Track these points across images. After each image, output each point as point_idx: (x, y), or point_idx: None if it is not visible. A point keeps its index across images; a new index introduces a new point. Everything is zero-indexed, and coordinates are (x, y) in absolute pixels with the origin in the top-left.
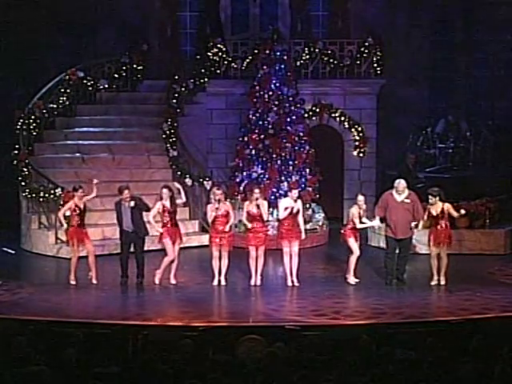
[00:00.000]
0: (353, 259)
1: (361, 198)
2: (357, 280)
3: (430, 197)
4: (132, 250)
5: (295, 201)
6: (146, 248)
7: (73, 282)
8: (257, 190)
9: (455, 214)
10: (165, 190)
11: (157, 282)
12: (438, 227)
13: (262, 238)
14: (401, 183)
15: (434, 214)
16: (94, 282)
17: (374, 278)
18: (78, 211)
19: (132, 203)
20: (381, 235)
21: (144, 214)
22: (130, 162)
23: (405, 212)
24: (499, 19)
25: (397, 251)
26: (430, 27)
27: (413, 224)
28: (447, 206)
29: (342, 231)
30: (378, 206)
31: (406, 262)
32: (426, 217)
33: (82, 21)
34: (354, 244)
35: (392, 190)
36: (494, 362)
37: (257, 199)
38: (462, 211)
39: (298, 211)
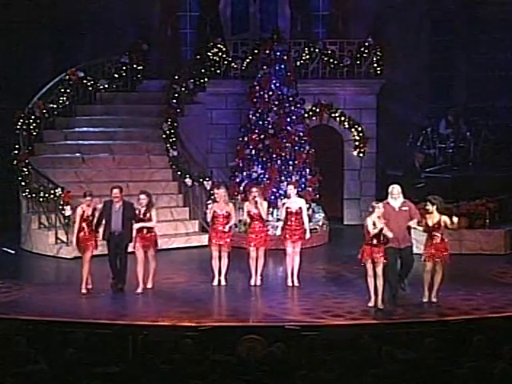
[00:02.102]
0: (371, 281)
1: (381, 210)
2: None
3: (427, 203)
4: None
5: (289, 196)
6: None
7: (84, 291)
8: (254, 189)
9: (449, 225)
10: (142, 196)
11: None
12: (433, 241)
13: (262, 239)
14: (395, 188)
15: (430, 224)
16: (89, 286)
17: None
18: (85, 218)
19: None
20: None
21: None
22: (130, 162)
23: (403, 220)
24: (499, 19)
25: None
26: (430, 27)
27: (411, 223)
28: (444, 218)
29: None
30: None
31: (407, 273)
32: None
33: (81, 21)
34: (370, 266)
35: (387, 199)
36: (494, 361)
37: (254, 197)
38: (455, 219)
39: (300, 210)
